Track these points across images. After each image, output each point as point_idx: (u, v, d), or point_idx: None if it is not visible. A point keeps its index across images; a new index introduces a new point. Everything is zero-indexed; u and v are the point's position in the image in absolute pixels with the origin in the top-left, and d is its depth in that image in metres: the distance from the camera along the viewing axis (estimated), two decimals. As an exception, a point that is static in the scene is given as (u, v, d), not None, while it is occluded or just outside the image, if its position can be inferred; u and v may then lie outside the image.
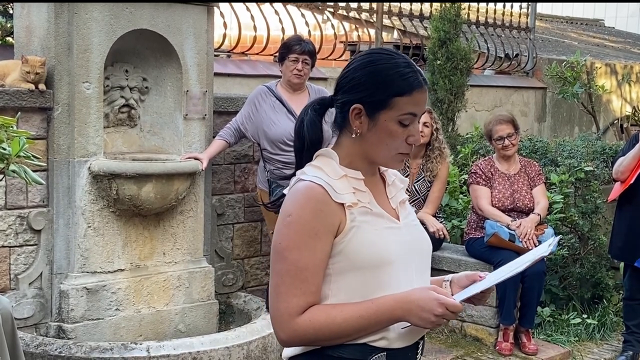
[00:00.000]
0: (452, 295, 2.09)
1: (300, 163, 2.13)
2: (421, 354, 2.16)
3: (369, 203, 2.06)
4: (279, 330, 2.00)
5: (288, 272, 1.97)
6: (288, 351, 2.09)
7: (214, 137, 5.31)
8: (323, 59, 7.53)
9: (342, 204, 2.00)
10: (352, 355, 2.00)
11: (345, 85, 2.08)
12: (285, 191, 2.10)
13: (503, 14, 9.73)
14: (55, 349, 4.27)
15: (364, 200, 2.05)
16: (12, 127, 3.16)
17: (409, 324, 1.99)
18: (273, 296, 2.01)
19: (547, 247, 2.16)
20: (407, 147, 2.07)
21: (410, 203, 5.62)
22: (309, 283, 1.97)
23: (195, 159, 5.00)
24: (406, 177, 5.73)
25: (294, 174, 2.12)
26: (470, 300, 2.08)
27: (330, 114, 2.15)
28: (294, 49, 5.21)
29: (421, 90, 2.04)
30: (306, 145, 2.11)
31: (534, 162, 5.86)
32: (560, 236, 2.36)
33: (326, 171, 2.04)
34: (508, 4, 9.78)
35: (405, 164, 5.55)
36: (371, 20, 8.42)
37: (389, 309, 1.96)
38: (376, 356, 2.01)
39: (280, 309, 1.98)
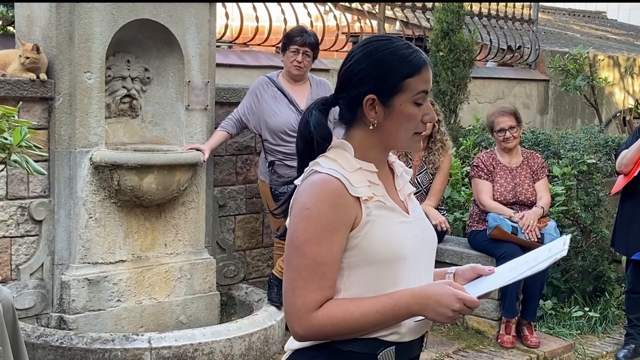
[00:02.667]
0: None
1: (303, 165, 2.07)
2: (424, 347, 2.15)
3: (383, 196, 2.04)
4: (295, 326, 1.97)
5: (306, 267, 1.94)
6: (294, 344, 2.06)
7: (215, 128, 5.29)
8: (325, 50, 7.49)
9: (358, 198, 1.98)
10: (361, 349, 1.99)
11: (352, 79, 2.05)
12: (297, 182, 2.05)
13: (506, 5, 9.70)
14: (57, 340, 4.27)
15: (378, 193, 2.03)
16: (13, 116, 3.15)
17: (422, 318, 1.98)
18: (289, 290, 1.97)
19: (562, 245, 2.09)
20: (423, 126, 2.06)
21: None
22: (327, 278, 1.95)
23: (197, 150, 4.99)
24: (409, 168, 5.71)
25: (297, 177, 2.07)
26: (479, 296, 2.06)
27: (333, 113, 2.12)
28: (295, 40, 5.20)
29: (426, 67, 2.04)
30: (316, 144, 2.06)
31: (537, 154, 5.83)
32: (570, 235, 2.30)
33: (341, 164, 2.01)
34: (511, -4, 9.77)
35: (407, 155, 5.53)
36: (373, 12, 8.40)
37: (406, 304, 1.95)
38: (385, 350, 2.00)
39: (297, 304, 1.95)
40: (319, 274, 1.94)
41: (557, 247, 2.12)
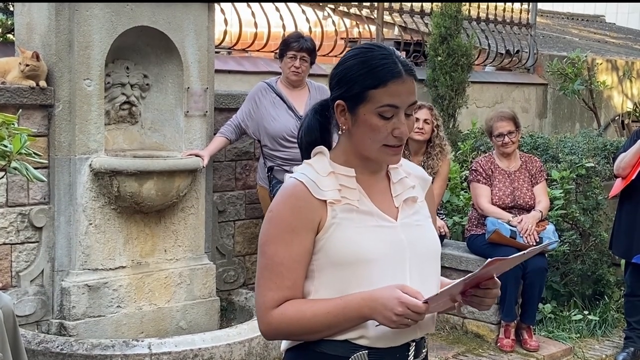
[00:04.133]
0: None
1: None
2: (414, 356, 2.10)
3: (358, 201, 2.05)
4: (259, 322, 2.06)
5: (266, 267, 2.02)
6: (283, 344, 2.14)
7: (214, 134, 5.30)
8: (324, 55, 7.52)
9: (324, 201, 2.01)
10: (334, 351, 2.02)
11: (330, 83, 2.10)
12: None
13: (504, 10, 9.72)
14: (57, 346, 4.28)
15: (352, 197, 2.04)
16: (13, 124, 3.16)
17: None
18: (255, 289, 2.08)
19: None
20: (394, 139, 2.03)
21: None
22: (284, 277, 2.00)
23: (196, 155, 5.01)
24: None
25: None
26: (473, 304, 2.06)
27: None
28: (291, 46, 5.24)
29: (398, 82, 2.00)
30: (303, 146, 2.15)
31: (535, 158, 5.85)
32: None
33: (315, 168, 2.06)
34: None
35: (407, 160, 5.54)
36: (372, 17, 8.41)
37: (356, 307, 1.97)
38: (357, 354, 2.01)
39: (259, 302, 2.04)
40: (276, 274, 2.01)
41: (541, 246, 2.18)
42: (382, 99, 2.00)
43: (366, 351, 2.01)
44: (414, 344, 2.09)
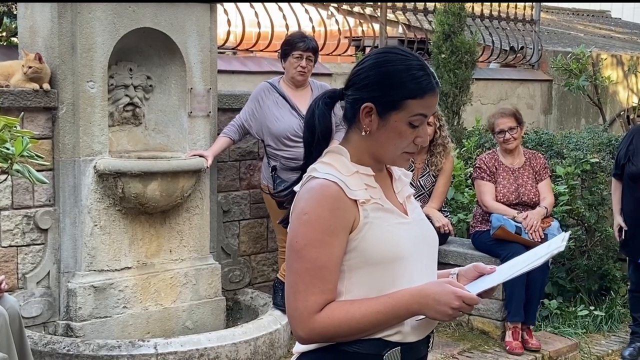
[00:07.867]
0: None
1: (309, 155, 2.13)
2: (431, 348, 2.18)
3: (380, 199, 2.07)
4: (298, 329, 2.01)
5: (307, 271, 1.98)
6: (300, 347, 2.10)
7: (218, 134, 5.32)
8: (327, 54, 7.53)
9: (356, 201, 2.01)
10: (367, 350, 2.02)
11: (358, 82, 2.09)
12: (295, 188, 2.10)
13: (507, 6, 9.71)
14: (64, 347, 4.30)
15: (375, 196, 2.06)
16: (15, 127, 3.17)
17: (424, 316, 2.01)
18: (291, 295, 2.01)
19: (560, 241, 2.13)
20: (414, 147, 2.09)
21: (415, 198, 5.59)
22: (327, 281, 1.99)
23: (200, 156, 5.02)
24: (411, 172, 5.71)
25: (301, 167, 2.13)
26: (486, 292, 2.09)
27: (339, 106, 2.17)
28: (297, 46, 5.22)
29: (433, 94, 2.06)
30: (316, 137, 2.12)
31: (539, 155, 5.84)
32: (569, 232, 2.35)
33: (338, 168, 2.05)
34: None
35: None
36: (375, 15, 8.42)
37: (405, 304, 1.98)
38: (390, 351, 2.03)
39: (298, 308, 1.99)
40: (320, 278, 1.98)
41: (555, 243, 2.17)
42: (417, 109, 2.04)
43: (398, 348, 2.04)
44: (433, 335, 2.16)
